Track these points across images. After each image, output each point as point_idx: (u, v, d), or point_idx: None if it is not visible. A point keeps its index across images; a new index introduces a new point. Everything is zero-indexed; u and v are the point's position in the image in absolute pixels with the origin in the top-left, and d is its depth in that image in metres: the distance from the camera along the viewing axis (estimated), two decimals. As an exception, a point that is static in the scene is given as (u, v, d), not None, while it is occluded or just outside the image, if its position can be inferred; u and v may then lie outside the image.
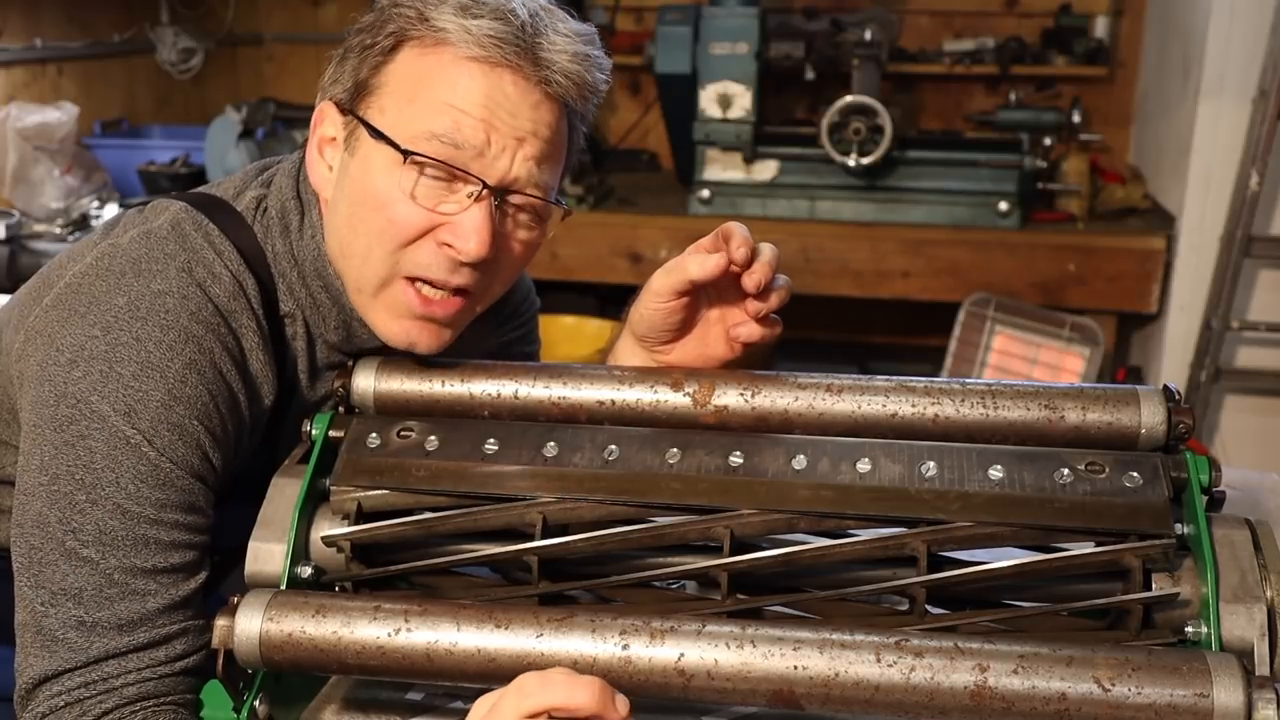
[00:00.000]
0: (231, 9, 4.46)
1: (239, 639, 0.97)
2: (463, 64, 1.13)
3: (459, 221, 1.13)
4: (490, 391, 1.16)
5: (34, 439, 1.12)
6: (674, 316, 1.19)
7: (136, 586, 1.08)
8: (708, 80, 3.56)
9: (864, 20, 3.83)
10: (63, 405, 1.10)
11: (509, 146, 1.13)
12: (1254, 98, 3.17)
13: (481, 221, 1.13)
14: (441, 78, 1.13)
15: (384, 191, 1.14)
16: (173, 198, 1.27)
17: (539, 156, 1.15)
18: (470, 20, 1.12)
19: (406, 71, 1.15)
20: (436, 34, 1.13)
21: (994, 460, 1.05)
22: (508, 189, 1.15)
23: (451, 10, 1.13)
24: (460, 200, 1.14)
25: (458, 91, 1.12)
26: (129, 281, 1.15)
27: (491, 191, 1.14)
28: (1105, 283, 3.41)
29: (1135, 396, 1.08)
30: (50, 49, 3.63)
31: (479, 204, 1.13)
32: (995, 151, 3.51)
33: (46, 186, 3.35)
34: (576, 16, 1.20)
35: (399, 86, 1.15)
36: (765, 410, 1.12)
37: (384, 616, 0.96)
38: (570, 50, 1.14)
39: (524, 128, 1.14)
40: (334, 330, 1.25)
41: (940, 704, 0.89)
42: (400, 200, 1.14)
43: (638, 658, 0.92)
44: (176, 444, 1.11)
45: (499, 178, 1.14)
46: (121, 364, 1.10)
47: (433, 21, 1.13)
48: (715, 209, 3.57)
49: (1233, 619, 0.95)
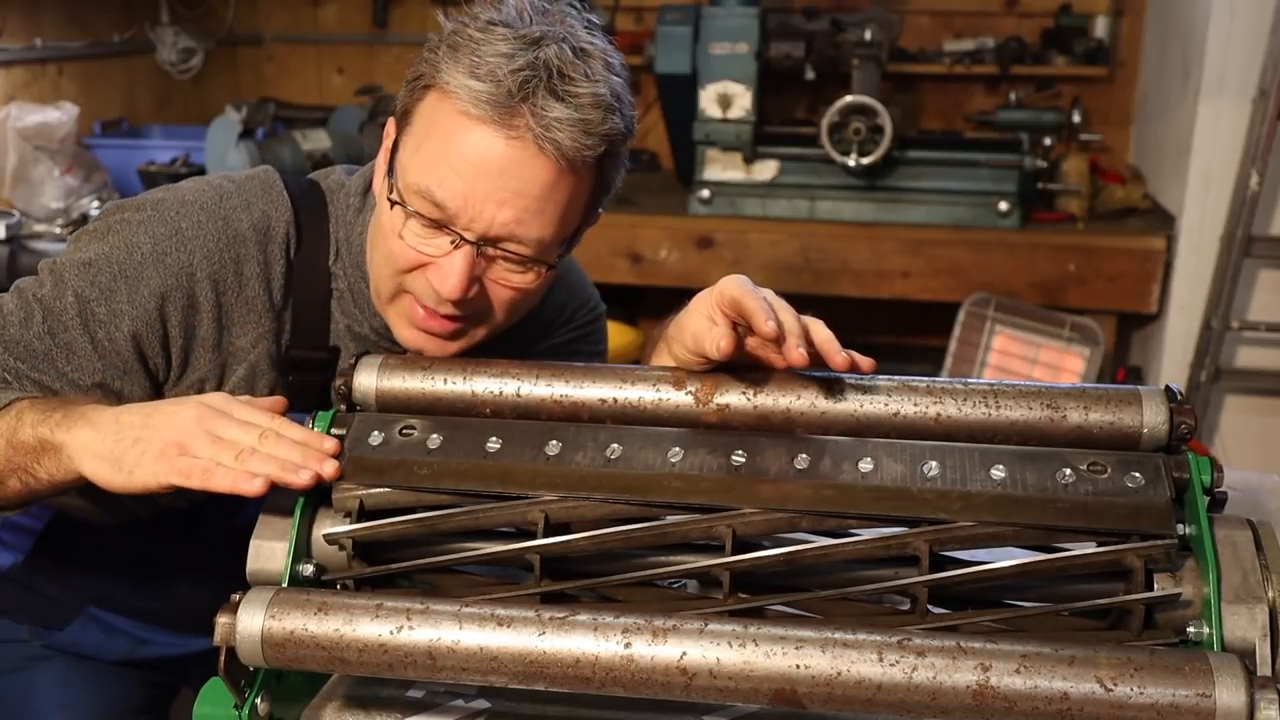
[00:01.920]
0: (231, 9, 4.46)
1: (241, 636, 0.97)
2: (459, 119, 1.20)
3: (440, 264, 1.24)
4: (492, 390, 1.16)
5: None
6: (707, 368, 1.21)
7: None
8: (708, 80, 3.56)
9: (864, 20, 3.83)
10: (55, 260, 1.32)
11: (488, 209, 1.21)
12: (1254, 98, 3.17)
13: (458, 268, 1.23)
14: (443, 128, 1.21)
15: (386, 225, 1.27)
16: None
17: (522, 215, 1.22)
18: (471, 80, 1.19)
19: (424, 115, 1.24)
20: (443, 88, 1.21)
21: (996, 460, 1.05)
22: (488, 242, 1.23)
23: (463, 69, 1.19)
24: (443, 245, 1.24)
25: (450, 147, 1.21)
26: (174, 188, 1.34)
27: (469, 244, 1.23)
28: (1105, 283, 3.41)
29: (1137, 397, 1.08)
30: (50, 49, 3.63)
31: (458, 250, 1.23)
32: (995, 151, 3.51)
33: (46, 186, 3.35)
34: (616, 65, 1.24)
35: (417, 128, 1.25)
36: (767, 409, 1.12)
37: (386, 614, 0.96)
38: (559, 116, 1.18)
39: (509, 186, 1.20)
40: (375, 316, 1.36)
41: (942, 703, 0.89)
42: (394, 237, 1.26)
43: (640, 656, 0.92)
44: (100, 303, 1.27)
45: (480, 232, 1.22)
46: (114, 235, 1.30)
47: (443, 75, 1.21)
48: (715, 209, 3.57)
49: (1234, 619, 0.95)
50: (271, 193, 1.34)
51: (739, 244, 3.52)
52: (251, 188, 1.34)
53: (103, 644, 1.53)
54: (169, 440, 1.06)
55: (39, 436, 1.12)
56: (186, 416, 1.07)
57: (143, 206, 1.32)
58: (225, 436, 1.06)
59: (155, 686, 1.59)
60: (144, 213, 1.31)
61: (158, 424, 1.07)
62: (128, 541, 1.49)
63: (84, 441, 1.09)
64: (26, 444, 1.13)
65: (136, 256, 1.28)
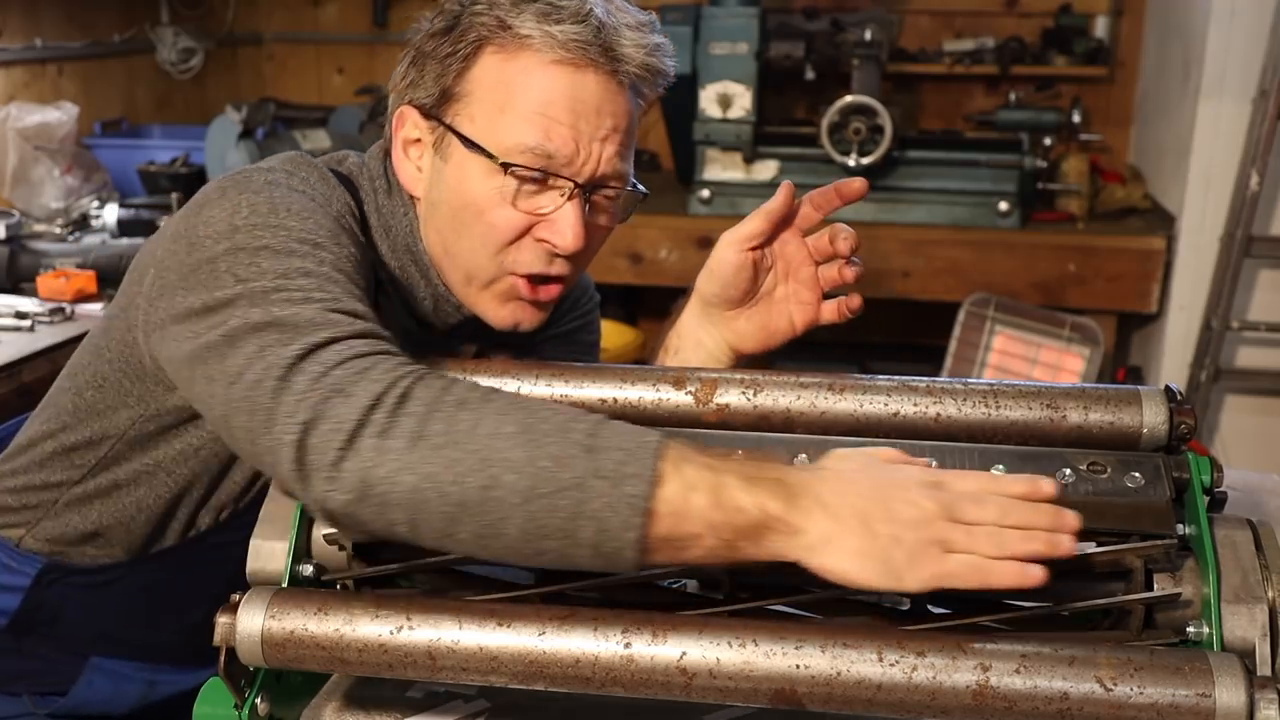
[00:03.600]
0: (231, 9, 4.46)
1: (240, 637, 0.97)
2: (548, 68, 1.18)
3: (555, 219, 1.21)
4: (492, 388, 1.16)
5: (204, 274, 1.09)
6: (744, 271, 1.27)
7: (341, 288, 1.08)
8: (708, 80, 3.56)
9: (864, 20, 3.83)
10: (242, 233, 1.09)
11: (595, 149, 1.21)
12: (1254, 98, 3.17)
13: (575, 218, 1.21)
14: (527, 85, 1.18)
15: (483, 198, 1.21)
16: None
17: (621, 150, 1.23)
18: (553, 25, 1.16)
19: (492, 79, 1.20)
20: (519, 40, 1.18)
21: (996, 460, 1.05)
22: (596, 185, 1.23)
23: (532, 16, 1.17)
24: (554, 199, 1.21)
25: (546, 98, 1.18)
26: (261, 174, 1.18)
27: (581, 189, 1.21)
28: (1105, 283, 3.41)
29: (1137, 397, 1.08)
30: (50, 49, 3.63)
31: (571, 202, 1.21)
32: (995, 151, 3.51)
33: (46, 186, 3.35)
34: (634, 3, 1.25)
35: (487, 94, 1.20)
36: (767, 409, 1.12)
37: (386, 614, 0.96)
38: (644, 43, 1.20)
39: (606, 124, 1.21)
40: (422, 302, 1.31)
41: (942, 703, 0.89)
42: (499, 206, 1.21)
43: (640, 656, 0.92)
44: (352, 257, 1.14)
45: (588, 176, 1.22)
46: (281, 203, 1.13)
47: (515, 29, 1.17)
48: (715, 209, 3.57)
49: (1234, 619, 0.95)
50: (330, 181, 1.26)
51: (739, 244, 3.52)
52: (313, 178, 1.24)
53: (113, 696, 1.40)
54: (927, 539, 0.91)
55: (766, 510, 0.92)
56: (929, 509, 0.92)
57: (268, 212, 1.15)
58: (973, 519, 0.93)
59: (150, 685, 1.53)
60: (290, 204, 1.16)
61: (904, 517, 0.92)
62: (137, 570, 1.36)
63: (829, 531, 0.92)
64: (743, 513, 0.92)
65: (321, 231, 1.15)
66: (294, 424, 0.95)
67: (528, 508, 0.91)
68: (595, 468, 0.91)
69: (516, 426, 0.93)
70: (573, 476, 0.91)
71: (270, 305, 1.04)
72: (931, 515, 0.92)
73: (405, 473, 0.92)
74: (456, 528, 0.93)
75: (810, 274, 1.27)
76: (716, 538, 0.92)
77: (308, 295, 1.05)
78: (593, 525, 0.90)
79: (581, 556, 0.93)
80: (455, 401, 0.95)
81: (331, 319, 1.03)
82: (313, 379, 0.97)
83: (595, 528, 0.90)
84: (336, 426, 0.94)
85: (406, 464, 0.92)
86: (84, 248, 2.98)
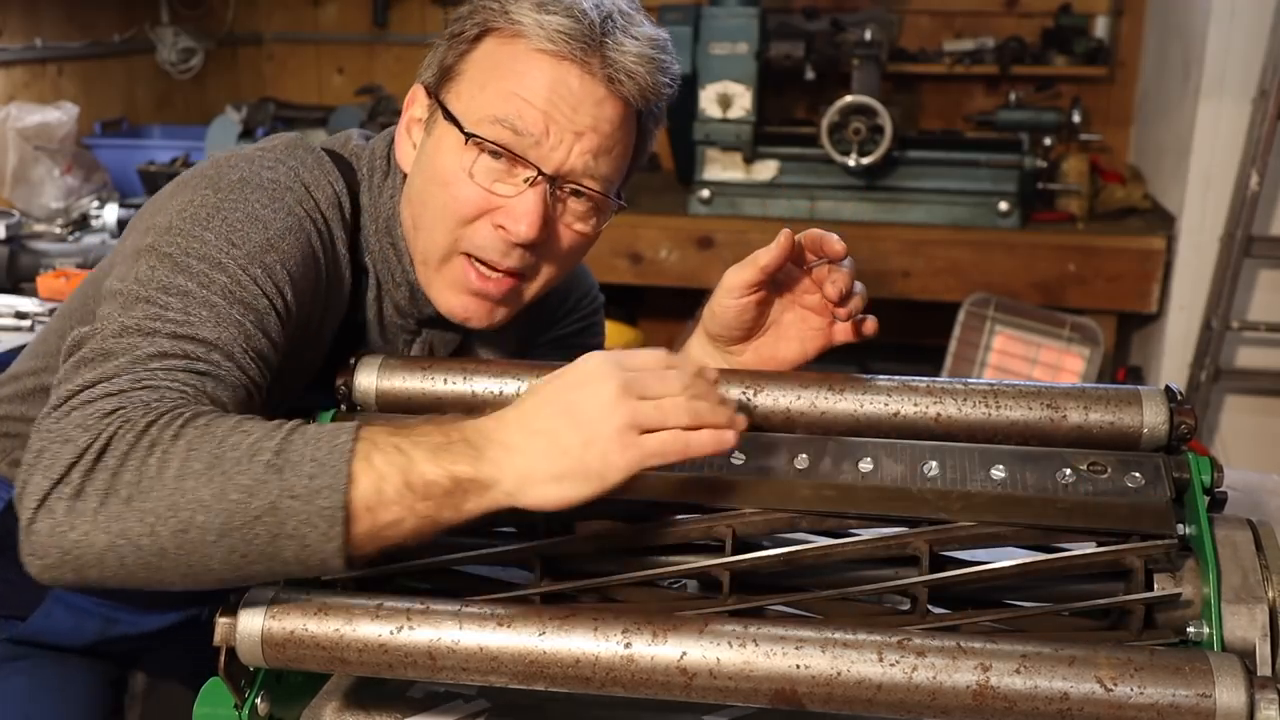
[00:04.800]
0: (231, 9, 4.46)
1: (240, 637, 0.97)
2: (532, 56, 1.19)
3: (513, 204, 1.21)
4: (493, 390, 1.16)
5: (130, 265, 1.12)
6: (747, 314, 1.23)
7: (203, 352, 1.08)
8: (708, 80, 3.56)
9: (864, 20, 3.83)
10: (167, 235, 1.13)
11: (566, 139, 1.20)
12: (1254, 98, 3.17)
13: (533, 205, 1.20)
14: (511, 68, 1.20)
15: (449, 169, 1.22)
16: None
17: (596, 150, 1.21)
18: (545, 15, 1.18)
19: (484, 60, 1.22)
20: (514, 27, 1.20)
21: (996, 460, 1.05)
22: (563, 178, 1.22)
23: (530, 6, 1.19)
24: (517, 185, 1.21)
25: (524, 81, 1.19)
26: (242, 166, 1.21)
27: (546, 179, 1.20)
28: (1105, 283, 3.41)
29: (1138, 397, 1.08)
30: (50, 49, 3.63)
31: (533, 189, 1.20)
32: (995, 151, 3.51)
33: (46, 186, 3.35)
34: (654, 23, 1.25)
35: (475, 74, 1.23)
36: (767, 409, 1.12)
37: (386, 614, 0.96)
38: (636, 52, 1.20)
39: (584, 122, 1.20)
40: (398, 288, 1.32)
41: (942, 703, 0.89)
42: (461, 179, 1.21)
43: (640, 656, 0.92)
44: (265, 279, 1.14)
45: (555, 167, 1.20)
46: (229, 211, 1.15)
47: (511, 15, 1.20)
48: (715, 209, 3.57)
49: (1234, 619, 0.95)
50: (323, 166, 1.27)
51: (739, 244, 3.52)
52: (307, 162, 1.26)
53: (72, 630, 1.42)
54: (617, 425, 0.94)
55: (454, 475, 0.95)
56: (610, 395, 0.95)
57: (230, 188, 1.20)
58: (660, 394, 0.96)
59: (115, 685, 1.49)
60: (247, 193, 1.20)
61: (589, 415, 0.95)
62: None
63: (521, 470, 0.95)
64: (435, 485, 0.95)
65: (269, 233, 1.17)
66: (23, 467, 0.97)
67: (226, 542, 0.93)
68: (286, 487, 0.92)
69: (205, 461, 0.94)
70: (264, 503, 0.92)
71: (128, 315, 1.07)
72: (616, 399, 0.95)
73: (97, 533, 0.92)
74: (161, 574, 0.95)
75: (816, 300, 1.23)
76: (417, 516, 0.95)
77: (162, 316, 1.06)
78: (294, 544, 0.93)
79: (292, 571, 0.95)
80: (148, 445, 0.95)
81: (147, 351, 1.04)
82: (56, 420, 0.98)
83: (297, 545, 0.93)
84: (35, 488, 0.94)
85: (97, 524, 0.93)
86: (84, 248, 2.97)
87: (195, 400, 1.02)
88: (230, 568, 0.94)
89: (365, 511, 0.93)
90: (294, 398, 1.26)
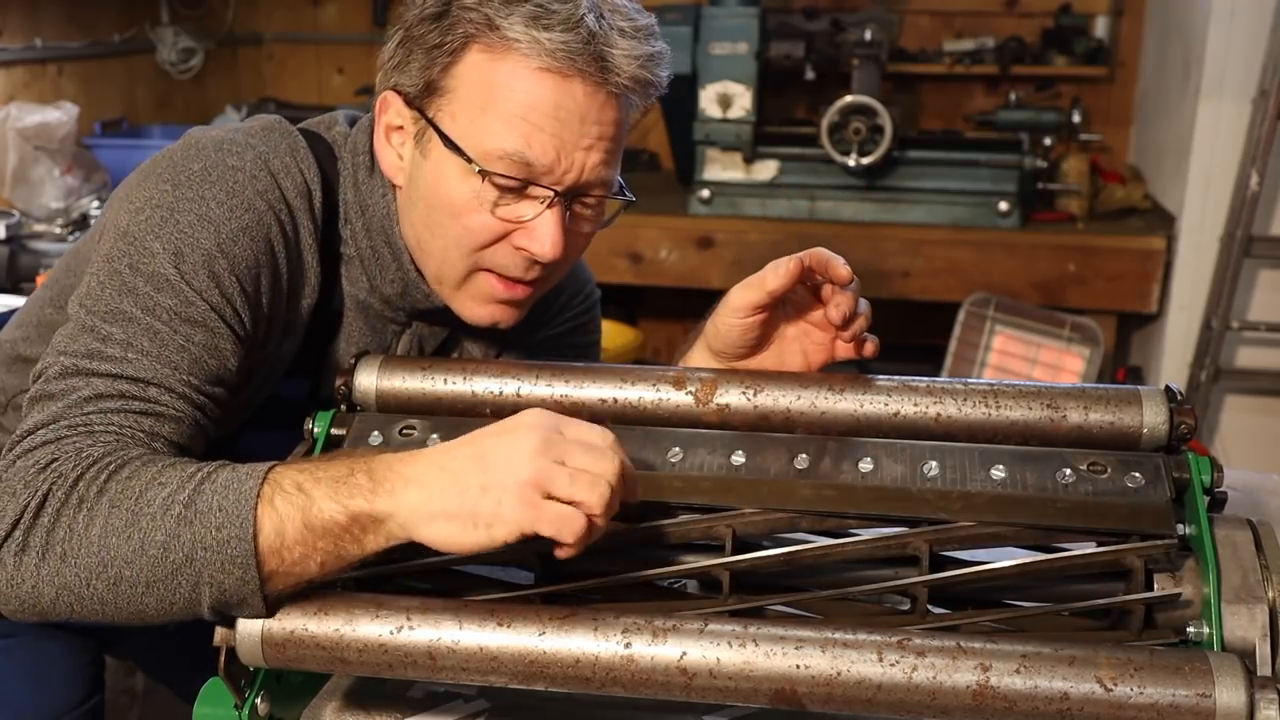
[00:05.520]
0: (231, 9, 4.46)
1: (240, 637, 0.97)
2: (533, 74, 1.15)
3: (533, 227, 1.20)
4: (493, 390, 1.16)
5: (89, 272, 1.17)
6: (751, 333, 1.21)
7: (150, 393, 1.11)
8: (708, 80, 3.56)
9: (864, 20, 3.83)
10: (120, 242, 1.16)
11: (578, 157, 1.19)
12: (1254, 98, 3.17)
13: (555, 227, 1.19)
14: (511, 89, 1.16)
15: (459, 200, 1.20)
16: (271, 113, 1.35)
17: (606, 158, 1.21)
18: (541, 31, 1.14)
19: (476, 77, 1.18)
20: (506, 42, 1.15)
21: (996, 460, 1.05)
22: (578, 192, 1.21)
23: (521, 20, 1.14)
24: (533, 207, 1.20)
25: (529, 104, 1.16)
26: (208, 154, 1.21)
27: (561, 197, 1.19)
28: (1105, 283, 3.41)
29: (1138, 397, 1.08)
30: (50, 49, 3.62)
31: (551, 210, 1.19)
32: (995, 151, 3.51)
33: (46, 186, 3.34)
34: (635, 5, 1.22)
35: (470, 93, 1.18)
36: (767, 409, 1.12)
37: (386, 614, 0.96)
38: (636, 53, 1.17)
39: (591, 133, 1.18)
40: (390, 284, 1.31)
41: (942, 703, 0.89)
42: (473, 209, 1.20)
43: (640, 656, 0.92)
44: (212, 290, 1.15)
45: (569, 184, 1.20)
46: (182, 214, 1.16)
47: (502, 30, 1.15)
48: (715, 209, 3.57)
49: (1234, 619, 0.95)
50: (299, 152, 1.26)
51: (739, 244, 3.52)
52: (281, 148, 1.25)
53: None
54: (522, 480, 0.92)
55: (350, 511, 0.95)
56: (528, 449, 0.93)
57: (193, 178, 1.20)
58: (579, 465, 0.94)
59: (95, 664, 1.50)
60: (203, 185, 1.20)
61: (499, 462, 0.93)
62: None
63: (414, 505, 0.94)
64: (333, 523, 0.95)
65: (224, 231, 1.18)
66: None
67: (155, 592, 0.97)
68: (198, 539, 0.96)
69: (125, 518, 0.98)
70: (180, 556, 0.96)
71: (71, 350, 1.11)
72: (532, 454, 0.93)
73: (45, 586, 0.99)
74: (111, 617, 1.00)
75: (820, 315, 1.21)
76: (322, 553, 0.96)
77: (100, 354, 1.10)
78: (213, 590, 0.96)
79: (221, 610, 0.98)
80: (76, 502, 0.99)
81: (84, 394, 1.08)
82: (5, 468, 1.03)
83: (215, 591, 0.96)
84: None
85: (41, 578, 0.99)
86: (84, 248, 2.97)
87: (132, 441, 1.07)
88: (166, 612, 0.99)
89: (272, 555, 0.96)
90: (274, 386, 1.26)
